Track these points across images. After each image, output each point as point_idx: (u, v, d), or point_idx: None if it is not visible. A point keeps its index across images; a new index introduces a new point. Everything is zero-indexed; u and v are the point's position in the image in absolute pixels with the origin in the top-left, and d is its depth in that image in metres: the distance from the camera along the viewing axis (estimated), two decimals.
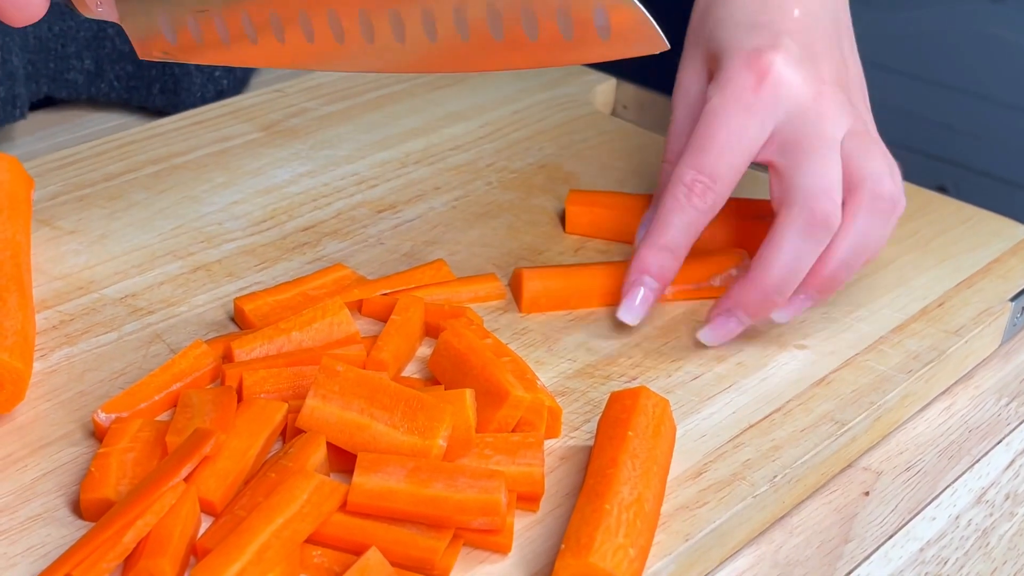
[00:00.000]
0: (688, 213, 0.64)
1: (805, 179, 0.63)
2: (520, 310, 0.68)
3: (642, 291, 0.66)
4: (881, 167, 0.65)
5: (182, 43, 0.62)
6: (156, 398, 0.58)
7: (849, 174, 0.64)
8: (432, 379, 0.61)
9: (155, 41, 0.62)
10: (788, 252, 0.63)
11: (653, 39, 0.56)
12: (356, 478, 0.52)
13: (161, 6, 0.61)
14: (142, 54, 0.63)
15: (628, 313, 0.66)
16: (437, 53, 0.58)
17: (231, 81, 0.93)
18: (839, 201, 0.63)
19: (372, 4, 0.58)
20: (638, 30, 0.56)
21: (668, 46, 0.56)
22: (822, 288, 0.65)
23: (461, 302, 0.68)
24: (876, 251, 0.65)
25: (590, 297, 0.69)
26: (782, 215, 0.63)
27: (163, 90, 0.89)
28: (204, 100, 0.90)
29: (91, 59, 0.87)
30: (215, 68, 0.92)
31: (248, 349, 0.61)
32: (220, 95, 0.91)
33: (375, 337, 0.62)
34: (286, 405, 0.56)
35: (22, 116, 0.84)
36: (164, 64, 0.89)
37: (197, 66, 0.90)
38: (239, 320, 0.66)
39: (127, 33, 0.62)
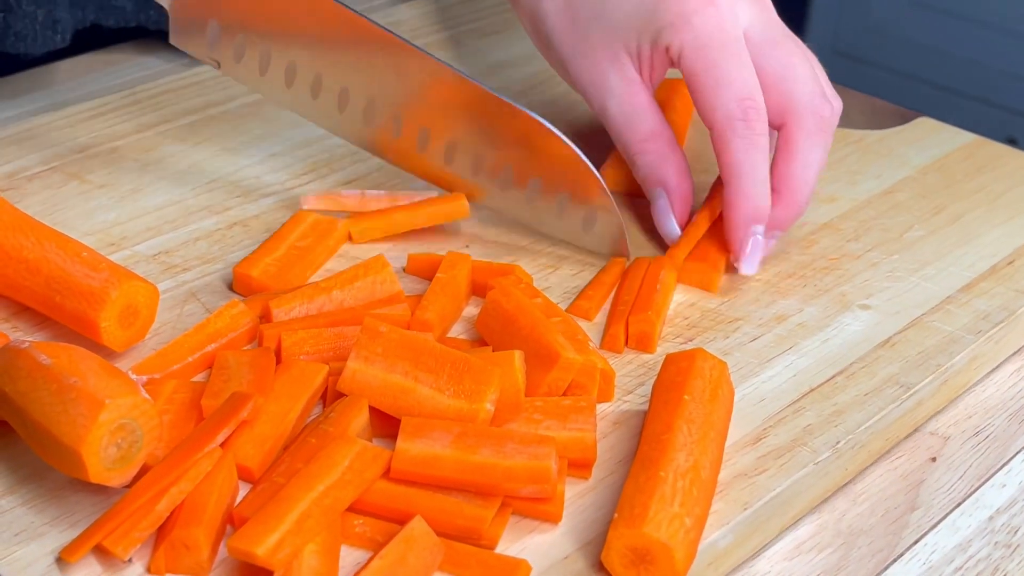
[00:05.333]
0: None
1: (719, 89, 0.65)
2: None
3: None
4: (807, 81, 0.66)
5: (221, 54, 0.68)
6: (191, 359, 0.58)
7: (774, 90, 0.66)
8: (479, 340, 0.61)
9: (195, 40, 0.68)
10: (740, 161, 0.65)
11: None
12: (400, 444, 0.51)
13: (216, 19, 0.67)
14: (174, 40, 0.68)
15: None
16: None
17: None
18: (758, 99, 0.65)
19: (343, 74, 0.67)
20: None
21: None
22: (787, 216, 0.67)
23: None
24: (823, 162, 0.67)
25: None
26: (713, 129, 0.66)
27: None
28: None
29: None
30: None
31: (287, 309, 0.60)
32: None
33: (420, 296, 0.62)
34: (326, 367, 0.56)
35: (64, 43, 0.81)
36: None
37: None
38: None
39: (170, 19, 0.68)
